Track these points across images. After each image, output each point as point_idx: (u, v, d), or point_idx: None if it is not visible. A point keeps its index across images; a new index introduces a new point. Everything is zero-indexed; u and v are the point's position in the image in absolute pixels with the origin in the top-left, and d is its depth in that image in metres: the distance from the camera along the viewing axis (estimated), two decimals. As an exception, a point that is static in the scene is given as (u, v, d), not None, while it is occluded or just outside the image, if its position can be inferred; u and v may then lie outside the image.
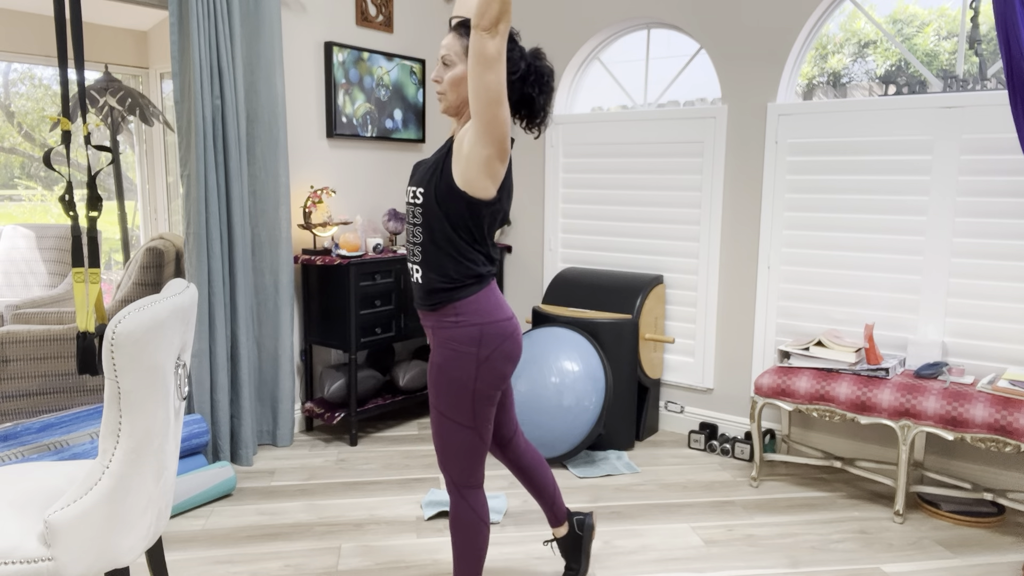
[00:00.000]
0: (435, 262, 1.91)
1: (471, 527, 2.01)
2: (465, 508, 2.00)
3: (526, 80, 1.93)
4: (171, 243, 4.08)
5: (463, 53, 1.89)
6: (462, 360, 1.90)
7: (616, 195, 3.95)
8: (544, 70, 1.95)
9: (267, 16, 3.32)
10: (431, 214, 1.90)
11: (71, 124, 2.63)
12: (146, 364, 1.54)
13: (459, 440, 1.95)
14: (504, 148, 1.82)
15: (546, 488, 2.31)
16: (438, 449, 2.00)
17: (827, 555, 2.60)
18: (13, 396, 3.77)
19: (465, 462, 1.97)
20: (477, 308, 1.91)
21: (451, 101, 1.94)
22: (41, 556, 1.55)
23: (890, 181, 3.17)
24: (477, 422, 1.94)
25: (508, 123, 1.81)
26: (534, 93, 1.94)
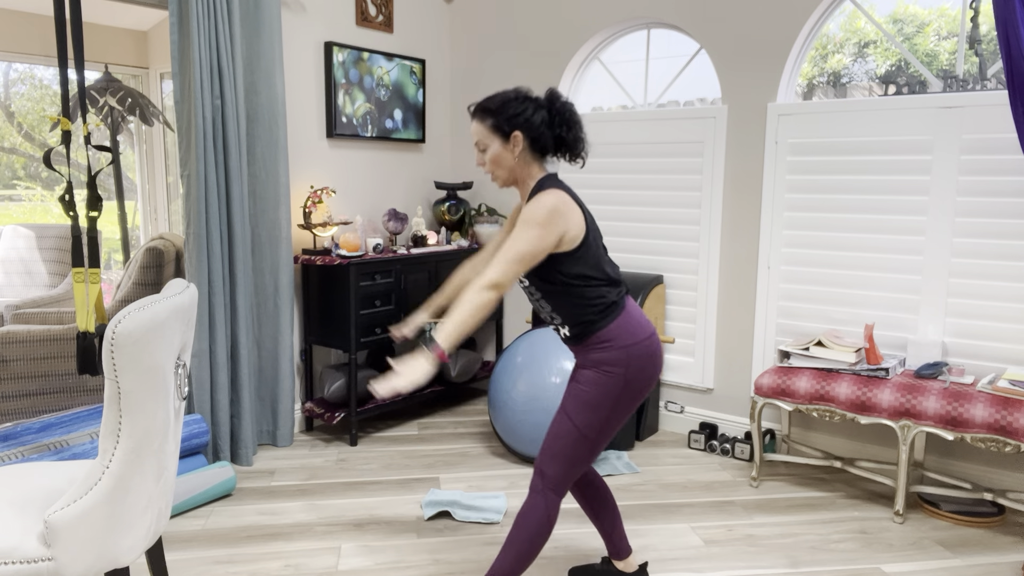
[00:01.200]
0: (572, 314, 2.03)
1: (536, 527, 2.03)
2: (542, 509, 2.03)
3: (552, 124, 2.04)
4: (171, 243, 4.08)
5: (490, 132, 2.03)
6: (610, 380, 1.99)
7: (616, 195, 3.95)
8: (565, 109, 2.05)
9: (267, 16, 3.32)
10: (543, 287, 2.04)
11: (71, 124, 2.63)
12: (146, 364, 1.54)
13: (575, 448, 2.01)
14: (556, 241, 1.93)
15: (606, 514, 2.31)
16: (547, 447, 2.04)
17: (827, 555, 2.60)
18: (13, 396, 3.77)
19: (568, 469, 2.03)
20: (620, 332, 2.00)
21: (503, 177, 2.07)
22: (41, 556, 1.55)
23: (890, 181, 3.17)
24: (600, 437, 2.02)
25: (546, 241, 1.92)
26: (563, 132, 2.04)
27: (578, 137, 2.07)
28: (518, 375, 3.35)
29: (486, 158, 2.06)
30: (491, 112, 2.03)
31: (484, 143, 2.05)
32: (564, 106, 2.04)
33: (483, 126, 2.04)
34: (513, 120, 2.00)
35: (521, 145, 2.02)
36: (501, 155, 2.04)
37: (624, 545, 2.34)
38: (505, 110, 2.01)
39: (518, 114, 2.01)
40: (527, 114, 2.01)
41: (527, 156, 2.04)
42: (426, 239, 3.96)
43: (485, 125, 2.03)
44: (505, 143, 2.02)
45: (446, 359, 1.92)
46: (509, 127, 2.01)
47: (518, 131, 2.01)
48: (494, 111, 2.02)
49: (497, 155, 2.04)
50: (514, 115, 2.01)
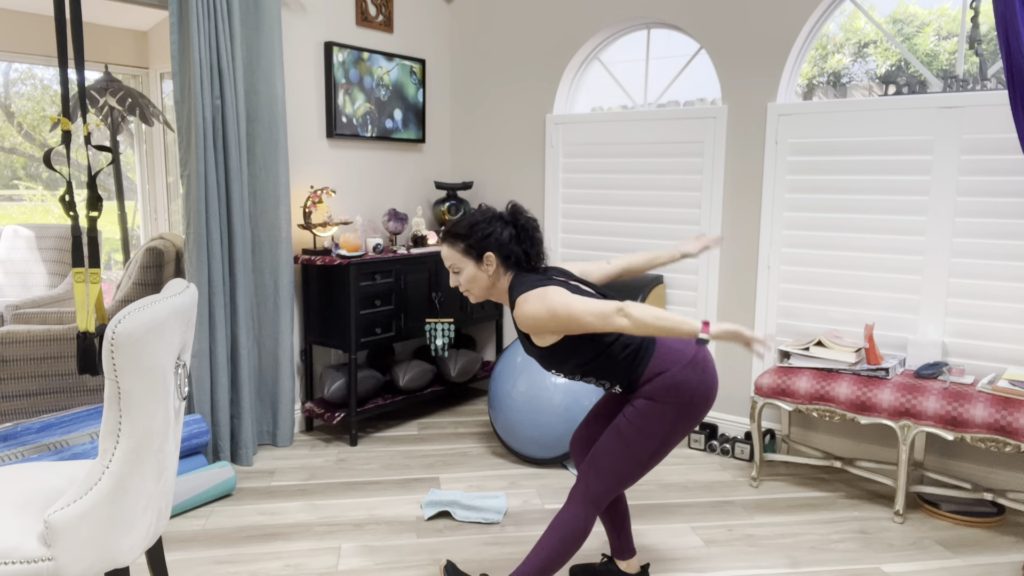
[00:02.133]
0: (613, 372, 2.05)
1: (569, 537, 2.04)
2: (580, 520, 2.04)
3: (519, 239, 2.11)
4: (171, 243, 4.08)
5: (463, 256, 2.10)
6: (665, 408, 2.00)
7: (616, 195, 3.95)
8: (527, 224, 2.12)
9: (267, 16, 3.32)
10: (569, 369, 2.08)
11: (71, 124, 2.63)
12: (146, 364, 1.54)
13: (624, 467, 2.03)
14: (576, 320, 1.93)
15: (617, 512, 2.33)
16: (596, 462, 2.05)
17: (827, 555, 2.60)
18: (13, 396, 3.77)
19: (613, 486, 2.05)
20: (663, 365, 2.02)
21: (477, 294, 2.15)
22: (41, 556, 1.55)
23: (890, 181, 3.17)
24: (652, 460, 2.04)
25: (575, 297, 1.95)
26: (527, 248, 2.12)
27: (539, 250, 2.14)
28: (518, 375, 3.35)
29: (460, 280, 2.13)
30: (461, 236, 2.10)
31: (458, 266, 2.12)
32: (526, 221, 2.12)
33: (454, 250, 2.11)
34: (484, 242, 2.07)
35: (494, 264, 2.08)
36: (475, 275, 2.11)
37: (630, 546, 2.35)
38: (474, 232, 2.08)
39: (488, 235, 2.08)
40: (496, 234, 2.08)
41: (500, 271, 2.10)
42: (426, 239, 3.96)
43: (456, 249, 2.11)
44: (478, 263, 2.09)
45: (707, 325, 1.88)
46: (480, 249, 2.08)
47: (490, 251, 2.07)
48: (464, 235, 2.09)
49: (472, 276, 2.11)
50: (484, 236, 2.08)
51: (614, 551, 2.37)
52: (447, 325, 3.89)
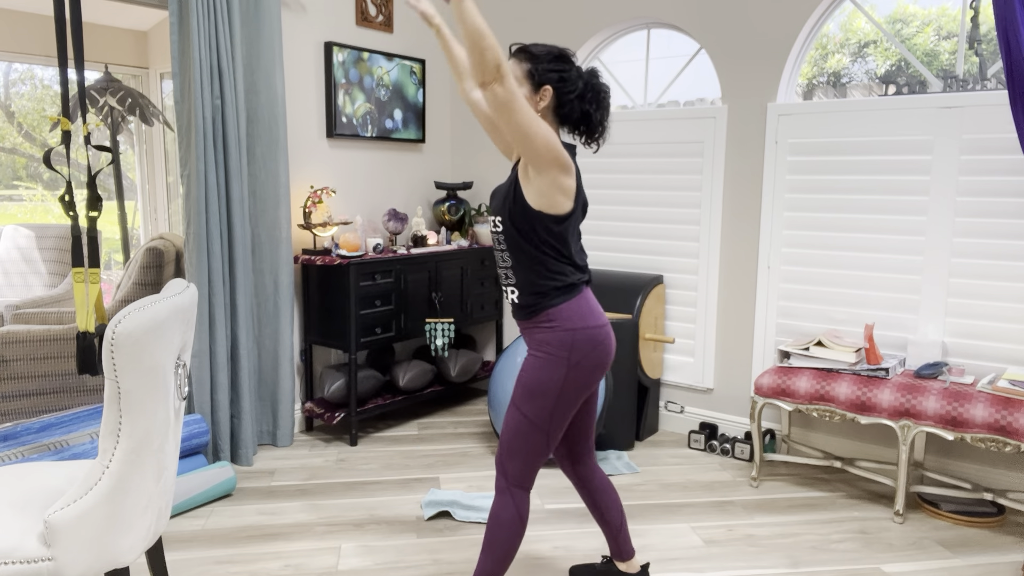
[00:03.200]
0: (527, 280, 1.98)
1: (510, 526, 2.01)
2: (510, 507, 2.01)
3: (584, 98, 1.97)
4: (171, 243, 4.08)
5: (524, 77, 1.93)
6: (552, 363, 1.95)
7: (616, 195, 3.95)
8: (601, 88, 1.99)
9: (267, 16, 3.32)
10: (513, 239, 1.97)
11: (71, 124, 2.63)
12: (146, 364, 1.54)
13: (529, 440, 1.98)
14: (563, 163, 1.87)
15: (612, 515, 2.28)
16: (503, 445, 2.02)
17: (827, 555, 2.60)
18: (13, 396, 3.77)
19: (526, 462, 2.00)
20: (570, 315, 1.96)
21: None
22: (41, 556, 1.55)
23: (890, 181, 3.17)
24: (551, 426, 1.98)
25: (554, 141, 1.85)
26: (591, 109, 1.98)
27: (603, 121, 2.00)
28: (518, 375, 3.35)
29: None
30: (532, 57, 1.93)
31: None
32: (601, 85, 1.98)
33: (519, 67, 1.94)
34: (549, 74, 1.92)
35: (548, 101, 1.93)
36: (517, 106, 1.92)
37: (628, 547, 2.33)
38: (545, 61, 1.92)
39: (557, 71, 1.92)
40: (566, 74, 1.93)
41: (548, 118, 1.96)
42: (426, 239, 3.96)
43: (521, 68, 1.94)
44: (533, 94, 1.94)
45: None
46: (543, 79, 1.92)
47: (549, 86, 1.92)
48: (536, 57, 1.93)
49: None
50: (553, 70, 1.92)
51: (613, 553, 2.36)
52: (447, 325, 3.89)
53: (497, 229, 2.01)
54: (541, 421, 1.97)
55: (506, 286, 2.06)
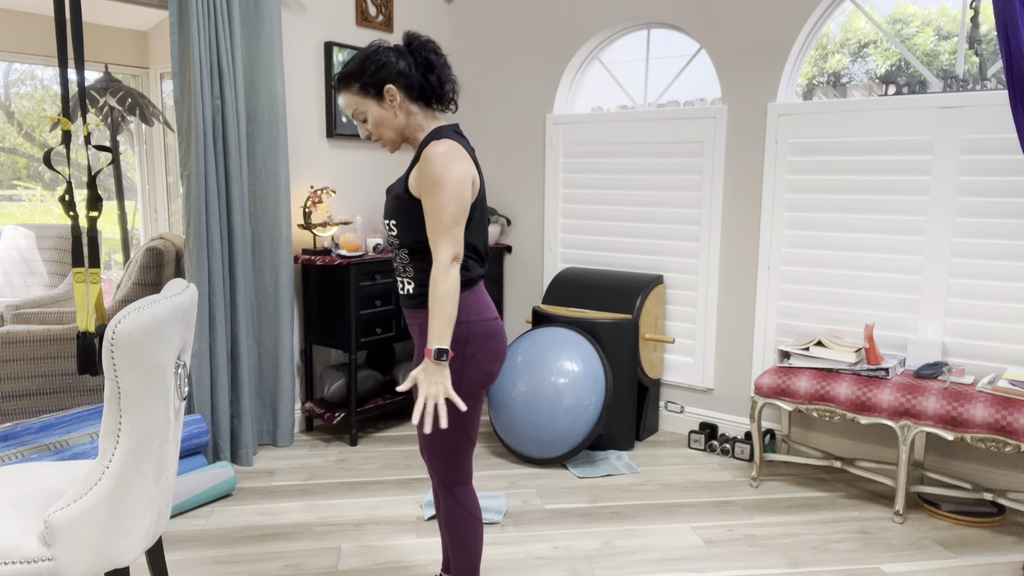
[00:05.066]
0: (423, 272, 1.92)
1: (462, 524, 2.01)
2: (455, 505, 2.00)
3: (418, 67, 1.91)
4: (171, 243, 4.08)
5: (361, 96, 1.89)
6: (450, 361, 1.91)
7: (616, 195, 3.95)
8: (423, 48, 1.91)
9: (267, 16, 3.32)
10: (405, 238, 1.91)
11: (71, 124, 2.63)
12: (146, 364, 1.54)
13: (450, 443, 1.96)
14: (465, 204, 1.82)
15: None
16: (425, 448, 2.00)
17: (827, 555, 2.60)
18: (13, 396, 3.77)
19: (452, 459, 1.98)
20: (464, 308, 1.91)
21: (392, 138, 1.94)
22: (41, 556, 1.55)
23: (890, 181, 3.17)
24: (465, 423, 1.95)
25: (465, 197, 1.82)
26: (428, 75, 1.92)
27: (441, 78, 1.93)
28: (518, 375, 3.35)
29: (369, 124, 1.92)
30: (354, 76, 1.89)
31: (360, 110, 1.91)
32: (423, 46, 1.91)
33: (350, 93, 1.90)
34: (378, 74, 1.87)
35: (398, 97, 1.88)
36: (382, 116, 1.90)
37: None
38: (367, 68, 1.88)
39: (382, 66, 1.87)
40: (391, 64, 1.87)
41: (408, 108, 1.91)
42: (426, 239, 3.96)
43: (352, 92, 1.90)
44: (380, 102, 1.89)
45: (452, 353, 1.88)
46: (377, 83, 1.88)
47: (388, 84, 1.88)
48: (357, 73, 1.88)
49: (378, 117, 1.90)
50: (377, 69, 1.87)
51: (445, 563, 2.29)
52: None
53: (392, 232, 1.94)
54: (456, 425, 1.93)
55: (402, 279, 1.98)
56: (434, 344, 1.79)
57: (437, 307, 1.78)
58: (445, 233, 1.79)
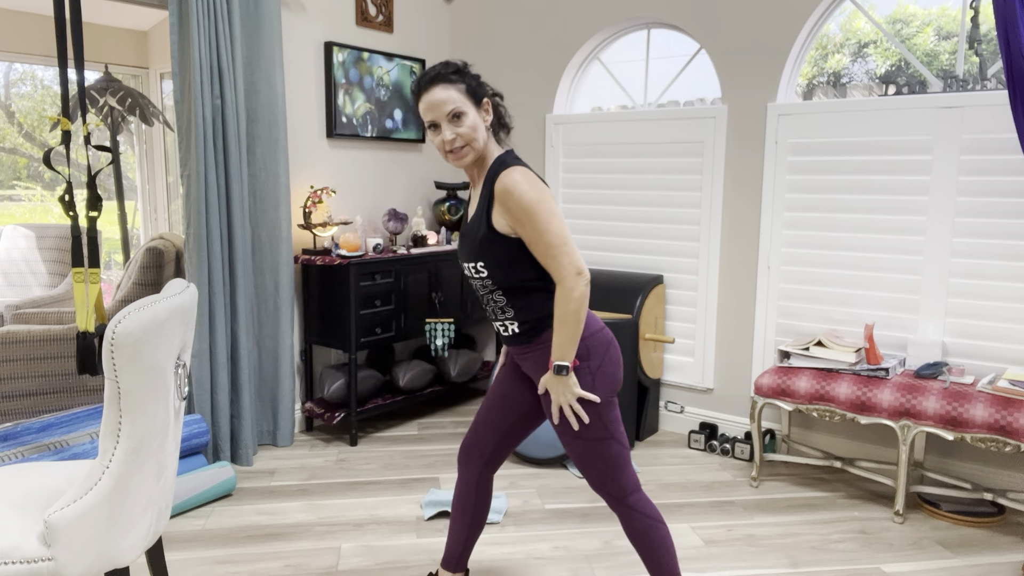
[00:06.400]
0: (526, 310, 1.90)
1: (649, 532, 1.94)
2: (637, 517, 1.94)
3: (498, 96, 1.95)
4: (171, 243, 4.08)
5: (466, 97, 1.83)
6: (578, 378, 1.87)
7: (616, 195, 3.95)
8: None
9: (267, 16, 3.32)
10: (502, 279, 1.88)
11: (71, 124, 2.63)
12: (146, 364, 1.54)
13: (603, 455, 1.91)
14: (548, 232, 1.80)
15: (480, 526, 2.21)
16: (585, 471, 1.94)
17: (827, 555, 2.60)
18: (13, 396, 3.77)
19: (618, 473, 1.92)
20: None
21: (478, 150, 1.86)
22: (41, 556, 1.55)
23: (890, 181, 3.17)
24: (612, 429, 1.91)
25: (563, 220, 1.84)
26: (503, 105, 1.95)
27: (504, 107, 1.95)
28: (518, 375, 3.34)
29: (462, 128, 1.81)
30: (461, 75, 1.82)
31: (460, 108, 1.80)
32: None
33: (454, 90, 1.80)
34: (482, 86, 1.85)
35: (491, 114, 1.87)
36: (477, 123, 1.83)
37: (467, 561, 2.25)
38: (471, 74, 1.84)
39: (480, 80, 1.86)
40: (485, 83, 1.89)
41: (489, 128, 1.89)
42: (426, 239, 3.96)
43: (457, 89, 1.81)
44: (479, 110, 1.84)
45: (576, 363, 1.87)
46: (481, 92, 1.84)
47: (488, 100, 1.86)
48: (464, 74, 1.82)
49: (476, 123, 1.82)
50: (480, 81, 1.86)
51: (453, 563, 2.23)
52: (447, 325, 3.89)
53: (481, 275, 1.90)
54: (600, 432, 1.90)
55: (503, 321, 1.95)
56: (556, 360, 1.82)
57: (566, 327, 1.79)
58: (560, 252, 1.78)
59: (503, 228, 1.83)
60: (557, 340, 1.82)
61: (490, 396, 2.15)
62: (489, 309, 1.97)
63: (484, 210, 1.86)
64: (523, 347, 1.96)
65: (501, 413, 2.11)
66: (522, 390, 2.09)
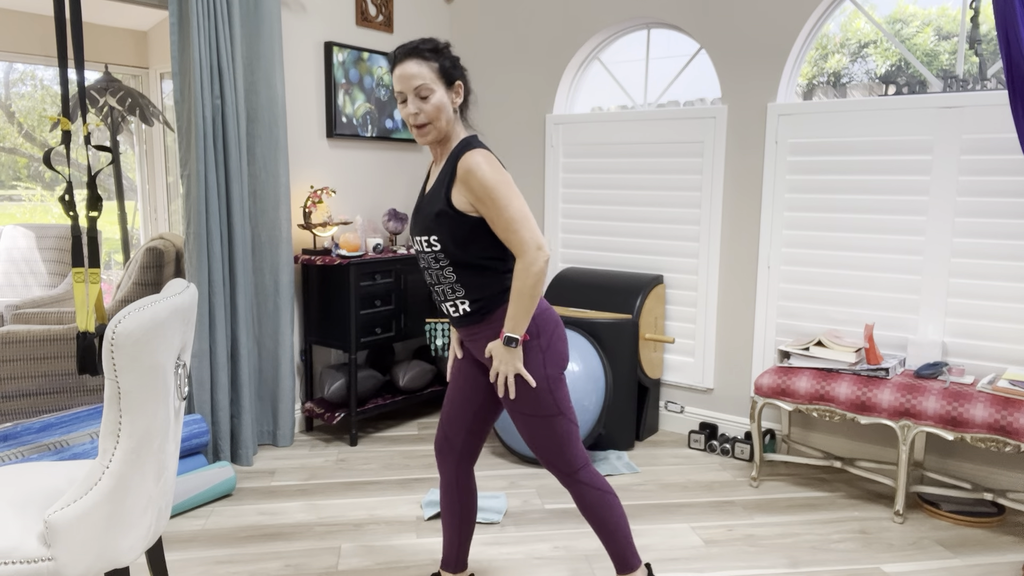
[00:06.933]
0: (477, 288, 1.91)
1: (600, 504, 1.98)
2: (587, 490, 1.98)
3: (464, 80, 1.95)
4: (171, 243, 4.08)
5: (437, 76, 1.84)
6: (528, 355, 1.91)
7: (616, 195, 3.95)
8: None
9: (267, 16, 3.32)
10: (455, 254, 1.89)
11: (71, 124, 2.63)
12: (146, 364, 1.54)
13: (554, 431, 1.94)
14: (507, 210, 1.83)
15: (471, 522, 2.22)
16: (537, 449, 1.98)
17: (827, 555, 2.60)
18: (13, 396, 3.77)
19: (567, 449, 1.96)
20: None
21: (441, 129, 1.88)
22: (41, 556, 1.55)
23: (890, 181, 3.17)
24: (562, 407, 1.94)
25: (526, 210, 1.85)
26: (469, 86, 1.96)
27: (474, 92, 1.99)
28: (518, 375, 3.34)
29: (427, 105, 1.83)
30: (437, 54, 1.83)
31: (428, 87, 1.82)
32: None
33: (427, 67, 1.82)
34: (457, 66, 1.87)
35: (461, 97, 1.88)
36: (445, 104, 1.85)
37: (466, 559, 2.26)
38: (448, 55, 1.85)
39: (457, 61, 1.87)
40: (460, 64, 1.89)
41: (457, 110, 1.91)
42: (426, 239, 3.96)
43: (429, 67, 1.82)
44: (448, 91, 1.86)
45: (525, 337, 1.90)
46: (454, 74, 1.86)
47: (459, 80, 1.88)
48: (440, 53, 1.84)
49: (442, 103, 1.84)
50: (455, 61, 1.86)
51: (450, 565, 2.24)
52: (447, 325, 3.89)
53: (434, 248, 1.90)
54: (550, 409, 1.93)
55: (452, 301, 1.95)
56: (507, 331, 1.85)
57: (521, 300, 1.82)
58: (521, 227, 1.81)
59: (462, 206, 1.85)
60: (511, 312, 1.85)
61: (449, 392, 2.17)
62: (439, 289, 1.97)
63: (444, 186, 1.88)
64: (473, 327, 1.97)
65: (461, 407, 2.13)
66: (476, 379, 2.10)
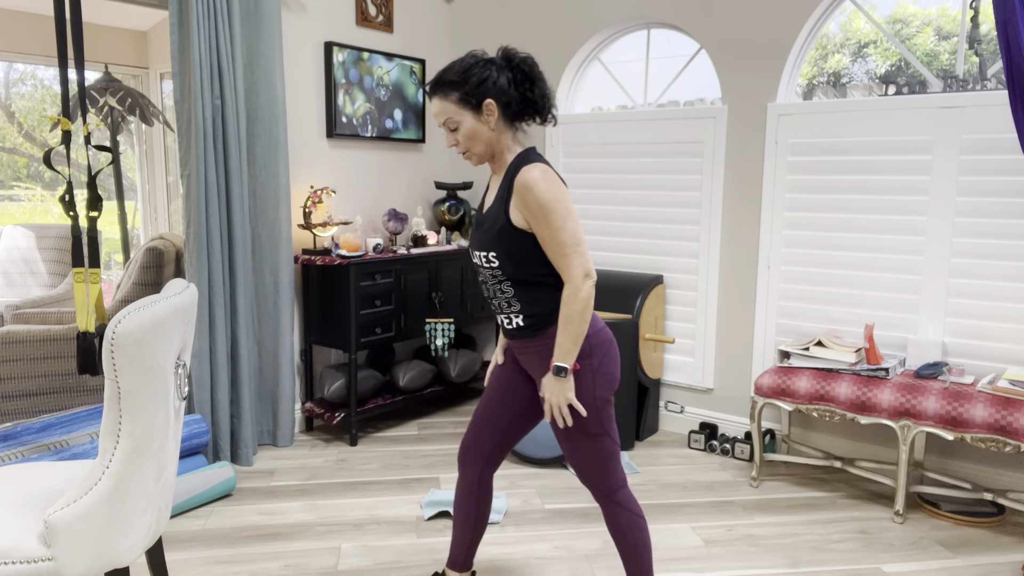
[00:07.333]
0: (532, 304, 1.93)
1: (632, 527, 2.00)
2: (622, 512, 1.99)
3: (516, 84, 1.90)
4: (171, 243, 4.08)
5: (459, 107, 1.87)
6: (579, 376, 1.91)
7: (616, 195, 3.95)
8: (521, 62, 1.90)
9: (267, 16, 3.32)
10: (512, 271, 1.91)
11: (71, 124, 2.63)
12: (146, 364, 1.54)
13: (597, 451, 1.95)
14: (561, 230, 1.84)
15: (483, 525, 2.22)
16: (578, 467, 1.98)
17: (827, 555, 2.60)
18: (13, 396, 3.77)
19: (608, 469, 1.97)
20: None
21: (481, 152, 1.92)
22: (41, 556, 1.55)
23: (890, 181, 3.17)
24: (607, 427, 1.95)
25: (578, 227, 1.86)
26: (527, 91, 1.91)
27: (544, 93, 1.92)
28: (518, 375, 3.34)
29: (459, 136, 1.89)
30: (455, 84, 1.86)
31: (454, 120, 1.88)
32: (524, 61, 1.90)
33: (448, 102, 1.87)
34: (481, 88, 1.85)
35: (496, 113, 1.87)
36: (476, 129, 1.88)
37: (472, 559, 2.26)
38: (469, 78, 1.85)
39: (484, 79, 1.85)
40: (493, 78, 1.85)
41: (501, 125, 1.89)
42: (426, 239, 3.96)
43: (450, 100, 1.86)
44: (477, 115, 1.87)
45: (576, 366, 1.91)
46: (479, 96, 1.85)
47: (490, 99, 1.86)
48: (458, 82, 1.85)
49: (472, 130, 1.88)
50: (480, 82, 1.85)
51: (457, 564, 2.24)
52: (447, 325, 3.89)
53: (492, 264, 1.92)
54: (596, 428, 1.93)
55: (505, 314, 1.98)
56: (557, 360, 1.86)
57: (570, 327, 1.84)
58: (571, 252, 1.83)
59: (520, 222, 1.86)
60: (560, 339, 1.86)
61: (487, 395, 2.15)
62: (495, 302, 1.99)
63: (503, 202, 1.89)
64: (526, 341, 1.98)
65: (499, 412, 2.12)
66: (520, 388, 2.10)
